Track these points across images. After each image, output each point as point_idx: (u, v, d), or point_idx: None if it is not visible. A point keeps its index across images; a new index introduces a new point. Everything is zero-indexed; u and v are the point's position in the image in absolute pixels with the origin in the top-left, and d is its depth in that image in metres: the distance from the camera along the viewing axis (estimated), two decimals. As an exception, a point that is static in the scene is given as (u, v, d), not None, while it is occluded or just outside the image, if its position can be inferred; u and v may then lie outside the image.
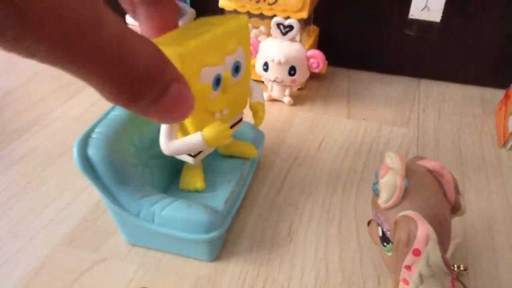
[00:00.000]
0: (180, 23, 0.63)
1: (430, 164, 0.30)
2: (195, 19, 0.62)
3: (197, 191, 0.37)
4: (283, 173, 0.45)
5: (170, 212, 0.33)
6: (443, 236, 0.28)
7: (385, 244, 0.31)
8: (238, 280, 0.34)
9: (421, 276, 0.27)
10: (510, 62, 0.60)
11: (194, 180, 0.37)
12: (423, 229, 0.26)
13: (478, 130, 0.53)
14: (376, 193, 0.30)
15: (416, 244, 0.26)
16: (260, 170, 0.45)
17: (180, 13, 0.66)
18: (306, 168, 0.46)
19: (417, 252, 0.26)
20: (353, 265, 0.36)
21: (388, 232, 0.29)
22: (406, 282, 0.28)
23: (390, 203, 0.28)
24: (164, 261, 0.36)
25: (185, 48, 0.29)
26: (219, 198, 0.36)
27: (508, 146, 0.49)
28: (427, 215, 0.27)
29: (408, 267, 0.27)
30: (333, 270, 0.35)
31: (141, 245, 0.37)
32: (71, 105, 0.57)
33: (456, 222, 0.39)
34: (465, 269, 0.34)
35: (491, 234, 0.39)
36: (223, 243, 0.37)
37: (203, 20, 0.34)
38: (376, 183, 0.30)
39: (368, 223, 0.34)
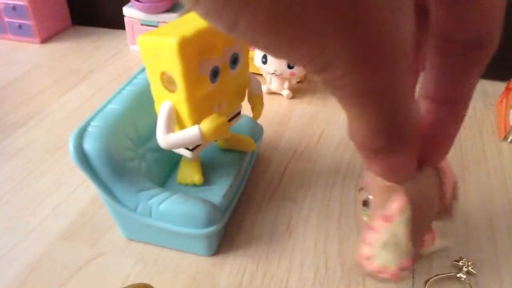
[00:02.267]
0: (177, 15, 0.62)
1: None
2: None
3: (195, 185, 0.36)
4: (282, 167, 0.45)
5: (167, 206, 0.33)
6: (420, 223, 0.27)
7: (365, 208, 0.30)
8: (236, 275, 0.34)
9: (384, 244, 0.27)
10: (511, 54, 0.59)
11: (192, 174, 0.36)
12: (400, 201, 0.26)
13: (478, 123, 0.53)
14: None
15: (389, 211, 0.26)
16: (259, 164, 0.45)
17: (177, 5, 0.65)
18: (306, 162, 0.46)
19: (387, 219, 0.26)
20: (352, 259, 0.35)
21: (369, 196, 0.29)
22: (369, 243, 0.28)
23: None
24: (162, 256, 0.35)
25: (183, 39, 0.28)
26: (217, 192, 0.36)
27: (509, 139, 0.49)
28: (412, 195, 0.27)
29: (373, 230, 0.27)
30: (333, 265, 0.35)
31: (139, 239, 0.36)
32: (68, 99, 0.56)
33: (456, 215, 0.39)
34: (472, 265, 0.34)
35: (491, 228, 0.38)
36: (222, 238, 0.37)
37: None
38: None
39: (359, 190, 0.34)
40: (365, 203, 0.30)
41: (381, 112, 0.15)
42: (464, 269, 0.34)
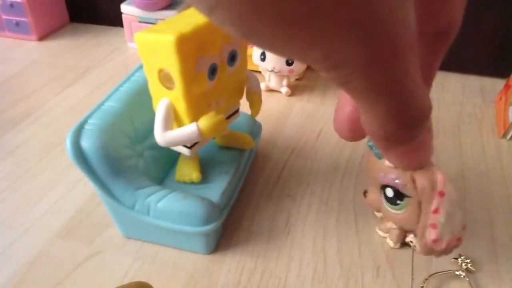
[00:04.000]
0: (175, 12, 0.62)
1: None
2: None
3: (193, 182, 0.36)
4: (280, 164, 0.45)
5: (165, 204, 0.33)
6: None
7: (398, 202, 0.31)
8: (235, 272, 0.34)
9: (447, 215, 0.28)
10: (510, 51, 0.59)
11: (190, 171, 0.36)
12: (440, 173, 0.28)
13: (477, 120, 0.53)
14: (379, 156, 0.30)
15: (440, 187, 0.28)
16: (257, 162, 0.45)
17: (175, 2, 0.65)
18: (304, 159, 0.45)
19: (442, 194, 0.28)
20: (351, 257, 0.35)
21: (403, 187, 0.30)
22: (435, 226, 0.29)
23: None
24: (160, 254, 0.35)
25: (180, 36, 0.28)
26: (216, 189, 0.36)
27: (508, 136, 0.49)
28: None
29: (436, 211, 0.28)
30: (332, 262, 0.35)
31: (137, 237, 0.36)
32: (65, 96, 0.56)
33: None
34: (471, 263, 0.34)
35: (491, 225, 0.38)
36: (220, 235, 0.37)
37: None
38: (375, 146, 0.30)
39: (364, 194, 0.34)
40: (396, 197, 0.31)
41: (392, 102, 0.15)
42: (463, 266, 0.34)
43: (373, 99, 0.15)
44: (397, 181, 0.30)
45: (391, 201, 0.32)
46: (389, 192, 0.31)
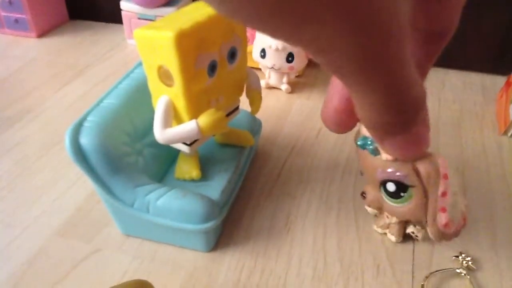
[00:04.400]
0: (175, 8, 0.62)
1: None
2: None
3: (193, 180, 0.36)
4: (280, 162, 0.45)
5: (165, 201, 0.33)
6: None
7: (401, 194, 0.31)
8: (235, 271, 0.34)
9: (453, 196, 0.29)
10: (511, 49, 0.59)
11: (190, 169, 0.36)
12: (440, 156, 0.28)
13: (478, 117, 0.52)
14: (375, 153, 0.30)
15: (443, 170, 0.28)
16: (257, 159, 0.45)
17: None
18: (304, 157, 0.45)
19: (446, 176, 0.28)
20: (351, 255, 0.35)
21: (405, 178, 0.30)
22: (444, 210, 0.29)
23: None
24: (160, 252, 0.35)
25: (180, 32, 0.28)
26: (216, 187, 0.35)
27: (509, 134, 0.48)
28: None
29: (444, 194, 0.29)
30: (332, 261, 0.35)
31: (136, 235, 0.36)
32: (65, 93, 0.56)
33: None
34: (471, 261, 0.34)
35: (491, 223, 0.38)
36: (220, 233, 0.36)
37: (199, 4, 0.33)
38: (366, 144, 0.30)
39: (362, 195, 0.34)
40: (400, 190, 0.31)
41: (384, 87, 0.15)
42: (464, 264, 0.34)
43: (365, 84, 0.15)
44: (398, 173, 0.30)
45: (394, 195, 0.31)
46: (391, 187, 0.31)
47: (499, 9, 0.56)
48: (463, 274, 0.33)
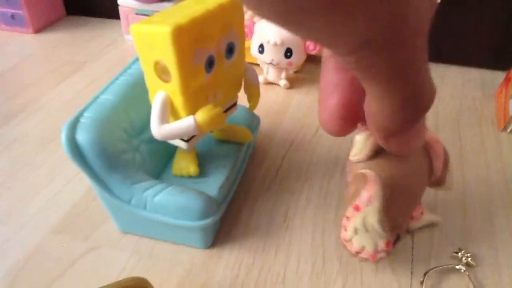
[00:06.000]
0: (173, 3, 0.62)
1: (427, 135, 0.30)
2: None
3: (190, 176, 0.36)
4: (279, 159, 0.44)
5: (162, 198, 0.33)
6: (401, 206, 0.29)
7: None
8: (233, 267, 0.34)
9: (355, 230, 0.29)
10: (510, 44, 0.59)
11: (187, 165, 0.36)
12: (370, 191, 0.27)
13: (477, 113, 0.52)
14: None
15: (358, 201, 0.28)
16: (255, 155, 0.44)
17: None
18: (303, 153, 0.45)
19: (357, 208, 0.28)
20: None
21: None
22: (345, 229, 0.29)
23: (355, 158, 0.29)
24: (157, 249, 0.35)
25: (177, 27, 0.28)
26: (214, 184, 0.35)
27: (508, 129, 0.48)
28: (391, 183, 0.28)
29: (348, 218, 0.29)
30: (330, 258, 0.34)
31: (134, 232, 0.36)
32: (62, 90, 0.56)
33: (455, 207, 0.39)
34: (471, 257, 0.34)
35: (490, 219, 0.38)
36: (218, 230, 0.36)
37: (196, -1, 0.32)
38: None
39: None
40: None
41: (410, 84, 0.15)
42: (463, 260, 0.34)
43: (393, 81, 0.15)
44: (348, 174, 0.30)
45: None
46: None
47: (498, 5, 0.56)
48: (462, 271, 0.33)
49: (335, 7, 0.12)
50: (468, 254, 0.34)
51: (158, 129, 0.31)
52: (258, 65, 0.57)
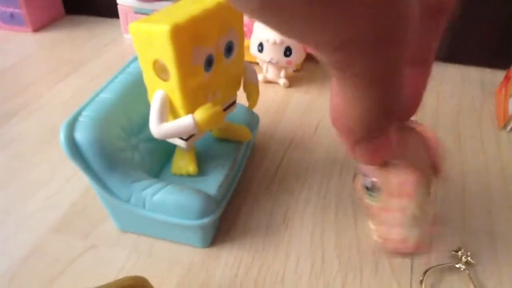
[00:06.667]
0: (171, 2, 0.61)
1: (418, 127, 0.30)
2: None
3: (189, 175, 0.36)
4: (278, 157, 0.44)
5: (161, 197, 0.32)
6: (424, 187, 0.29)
7: (372, 194, 0.30)
8: (232, 267, 0.34)
9: (413, 218, 0.28)
10: (510, 43, 0.59)
11: (187, 164, 0.36)
12: (414, 174, 0.27)
13: (477, 112, 0.52)
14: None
15: (409, 188, 0.27)
16: (255, 154, 0.44)
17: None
18: (302, 152, 0.45)
19: (409, 195, 0.28)
20: (350, 251, 0.35)
21: (377, 181, 0.29)
22: (400, 226, 0.29)
23: None
24: (156, 248, 0.35)
25: (176, 26, 0.28)
26: (213, 182, 0.35)
27: (508, 128, 0.48)
28: (411, 166, 0.28)
29: (402, 210, 0.28)
30: (330, 257, 0.34)
31: (133, 231, 0.36)
32: (61, 89, 0.55)
33: (454, 206, 0.39)
34: (470, 255, 0.34)
35: (490, 217, 0.38)
36: (217, 229, 0.36)
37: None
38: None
39: (354, 178, 0.34)
40: (372, 189, 0.30)
41: (385, 88, 0.15)
42: (463, 259, 0.34)
43: (368, 82, 0.15)
44: (373, 173, 0.30)
45: (368, 190, 0.31)
46: (368, 182, 0.31)
47: (498, 4, 0.56)
48: (462, 269, 0.33)
49: (315, 6, 0.12)
50: (468, 253, 0.34)
51: (157, 128, 0.31)
52: (257, 63, 0.57)
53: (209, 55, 0.31)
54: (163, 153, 0.38)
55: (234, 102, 0.37)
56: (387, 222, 0.29)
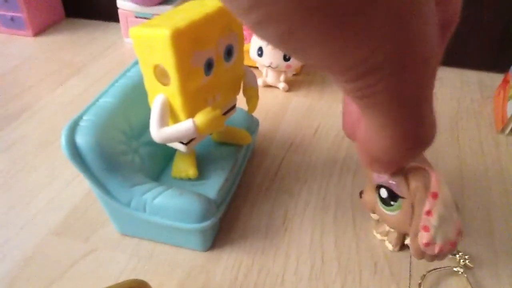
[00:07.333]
0: (172, 7, 0.62)
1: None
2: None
3: (189, 179, 0.36)
4: (278, 160, 0.44)
5: (162, 201, 0.33)
6: None
7: (391, 203, 0.31)
8: (232, 269, 0.34)
9: (440, 218, 0.28)
10: (509, 46, 0.59)
11: (187, 167, 0.36)
12: (435, 173, 0.28)
13: (476, 115, 0.52)
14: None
15: (433, 188, 0.28)
16: (254, 158, 0.45)
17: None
18: (302, 155, 0.45)
19: (435, 195, 0.28)
20: (349, 253, 0.35)
21: (396, 187, 0.30)
22: (427, 229, 0.28)
23: None
24: (157, 251, 0.35)
25: (176, 31, 0.28)
26: (213, 186, 0.35)
27: (507, 131, 0.48)
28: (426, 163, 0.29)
29: (429, 213, 0.28)
30: (329, 259, 0.35)
31: (133, 235, 0.36)
32: (61, 92, 0.56)
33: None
34: (469, 259, 0.34)
35: (488, 221, 0.38)
36: (217, 232, 0.36)
37: (195, 2, 0.32)
38: None
39: (360, 194, 0.34)
40: (390, 199, 0.31)
41: (413, 117, 0.14)
42: (461, 262, 0.34)
43: (396, 112, 0.14)
44: (391, 181, 0.30)
45: (385, 202, 0.31)
46: (383, 193, 0.31)
47: (497, 7, 0.56)
48: (460, 273, 0.33)
49: (336, 32, 0.11)
50: (466, 256, 0.34)
51: (157, 132, 0.32)
52: (257, 68, 0.57)
53: (209, 58, 0.31)
54: (163, 156, 0.38)
55: (234, 106, 0.38)
56: (427, 227, 0.28)
